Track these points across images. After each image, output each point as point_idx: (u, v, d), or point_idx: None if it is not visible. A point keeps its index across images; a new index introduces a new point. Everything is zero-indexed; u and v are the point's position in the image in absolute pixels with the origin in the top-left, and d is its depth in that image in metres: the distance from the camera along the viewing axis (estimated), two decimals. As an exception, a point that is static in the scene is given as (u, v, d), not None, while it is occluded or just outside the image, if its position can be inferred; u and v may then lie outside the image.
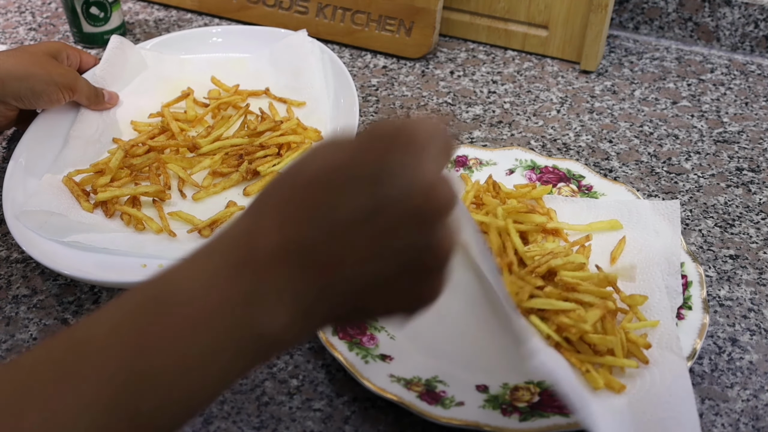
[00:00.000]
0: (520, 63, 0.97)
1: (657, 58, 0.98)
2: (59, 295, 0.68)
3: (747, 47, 0.98)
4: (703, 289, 0.63)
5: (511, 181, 0.74)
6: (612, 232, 0.68)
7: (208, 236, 0.69)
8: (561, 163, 0.76)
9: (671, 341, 0.57)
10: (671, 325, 0.59)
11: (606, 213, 0.70)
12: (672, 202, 0.69)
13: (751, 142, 0.85)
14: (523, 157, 0.77)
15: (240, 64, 0.90)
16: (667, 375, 0.55)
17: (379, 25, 0.97)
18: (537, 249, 0.64)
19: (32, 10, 1.08)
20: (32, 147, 0.77)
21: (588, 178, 0.74)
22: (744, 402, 0.59)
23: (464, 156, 0.77)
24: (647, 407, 0.52)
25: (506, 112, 0.89)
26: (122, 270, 0.67)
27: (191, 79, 0.87)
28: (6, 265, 0.71)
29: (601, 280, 0.59)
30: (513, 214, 0.66)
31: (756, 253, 0.72)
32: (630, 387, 0.55)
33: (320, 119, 0.82)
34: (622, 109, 0.89)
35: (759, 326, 0.65)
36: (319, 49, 0.87)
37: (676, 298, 0.62)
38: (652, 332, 0.58)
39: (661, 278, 0.63)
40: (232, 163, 0.76)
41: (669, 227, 0.67)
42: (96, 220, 0.71)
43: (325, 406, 0.58)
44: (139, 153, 0.77)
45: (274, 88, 0.86)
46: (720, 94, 0.92)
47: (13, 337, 0.65)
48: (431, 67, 0.96)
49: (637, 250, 0.66)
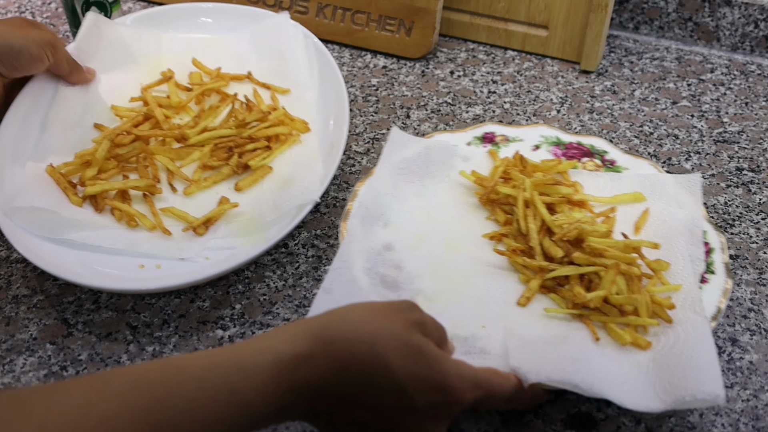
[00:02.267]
0: (520, 63, 0.97)
1: (657, 58, 0.98)
2: (59, 295, 0.68)
3: (747, 47, 0.98)
4: (725, 253, 0.65)
5: (537, 157, 0.76)
6: (636, 204, 0.70)
7: (202, 234, 0.69)
8: (585, 139, 0.78)
9: (694, 303, 0.60)
10: (695, 288, 0.61)
11: (629, 186, 0.72)
12: (693, 176, 0.71)
13: (751, 142, 0.85)
14: (549, 133, 0.79)
15: (219, 45, 0.87)
16: (691, 333, 0.57)
17: (379, 25, 0.97)
18: (564, 218, 0.66)
19: (32, 10, 1.08)
20: (10, 132, 0.74)
21: (611, 153, 0.76)
22: (744, 402, 0.59)
23: (491, 133, 0.79)
24: (671, 362, 0.55)
25: (506, 112, 0.89)
26: (120, 272, 0.66)
27: (169, 59, 0.84)
28: (6, 265, 0.71)
29: (627, 246, 0.63)
30: (540, 186, 0.69)
31: (756, 253, 0.72)
32: (655, 344, 0.58)
33: (306, 108, 0.81)
34: (622, 109, 0.90)
35: (759, 326, 0.65)
36: (302, 34, 0.85)
37: (699, 265, 0.64)
38: (676, 295, 0.61)
39: (685, 247, 0.65)
40: (221, 156, 0.75)
41: (691, 199, 0.69)
42: (87, 216, 0.70)
43: (325, 406, 0.58)
44: (125, 142, 0.75)
45: (256, 73, 0.84)
46: (720, 94, 0.92)
47: (13, 337, 0.65)
48: (431, 67, 0.96)
49: (661, 221, 0.68)
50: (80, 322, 0.66)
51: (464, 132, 0.79)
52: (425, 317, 0.53)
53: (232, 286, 0.69)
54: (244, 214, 0.71)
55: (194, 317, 0.66)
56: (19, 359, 0.63)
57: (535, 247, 0.65)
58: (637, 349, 0.58)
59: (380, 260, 0.65)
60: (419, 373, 0.49)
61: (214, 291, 0.68)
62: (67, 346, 0.64)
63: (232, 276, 0.69)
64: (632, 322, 0.59)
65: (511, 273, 0.65)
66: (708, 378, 0.53)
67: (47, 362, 0.63)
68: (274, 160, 0.76)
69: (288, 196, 0.71)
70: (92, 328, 0.65)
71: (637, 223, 0.69)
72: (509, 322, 0.61)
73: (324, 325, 0.50)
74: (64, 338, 0.65)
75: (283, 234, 0.67)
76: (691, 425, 0.58)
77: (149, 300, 0.68)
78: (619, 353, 0.58)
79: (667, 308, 0.60)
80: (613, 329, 0.59)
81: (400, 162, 0.73)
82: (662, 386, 0.54)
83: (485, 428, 0.57)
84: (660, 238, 0.65)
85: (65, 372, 0.62)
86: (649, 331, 0.59)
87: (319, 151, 0.76)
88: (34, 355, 0.63)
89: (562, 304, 0.62)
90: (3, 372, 0.62)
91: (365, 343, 0.48)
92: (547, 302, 0.63)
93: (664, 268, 0.63)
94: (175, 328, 0.65)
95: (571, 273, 0.62)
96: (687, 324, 0.58)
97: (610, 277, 0.60)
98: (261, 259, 0.71)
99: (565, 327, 0.60)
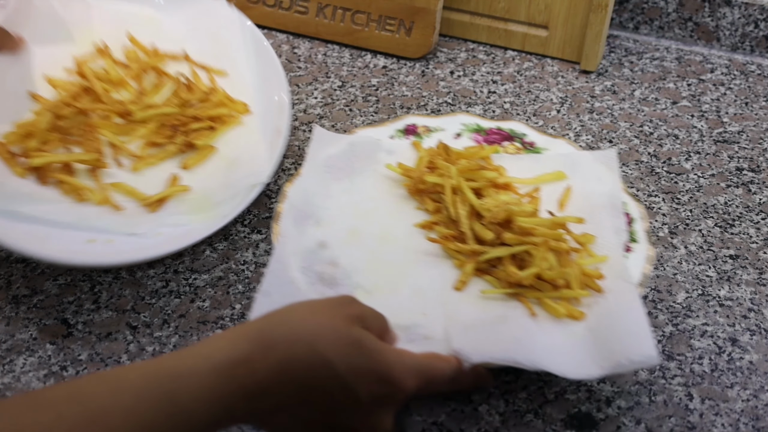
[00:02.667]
0: (520, 63, 0.97)
1: (657, 58, 0.98)
2: (59, 295, 0.68)
3: (747, 47, 0.98)
4: (645, 222, 0.68)
5: (460, 145, 0.77)
6: (558, 183, 0.73)
7: (155, 211, 0.70)
8: (504, 124, 0.80)
9: (621, 271, 0.63)
10: (620, 258, 0.64)
11: (550, 165, 0.74)
12: (609, 151, 0.74)
13: (751, 142, 0.85)
14: (469, 121, 0.81)
15: (154, 21, 0.85)
16: (621, 300, 0.60)
17: (379, 25, 0.97)
18: (492, 201, 0.68)
19: (32, 10, 1.08)
20: None
21: (530, 135, 0.79)
22: (744, 402, 0.59)
23: (413, 124, 0.80)
24: (605, 329, 0.58)
25: (506, 112, 0.89)
26: (67, 246, 0.65)
27: (100, 31, 0.82)
28: (6, 265, 0.71)
29: (554, 223, 0.65)
30: (465, 172, 0.70)
31: (756, 253, 0.72)
32: (589, 314, 0.60)
33: (244, 90, 0.80)
34: (622, 109, 0.90)
35: (759, 326, 0.65)
36: (238, 18, 0.84)
37: (622, 235, 0.66)
38: (604, 266, 0.64)
39: (608, 219, 0.68)
40: (166, 134, 0.76)
41: (609, 173, 0.72)
42: (33, 189, 0.68)
43: (325, 406, 0.58)
44: (66, 115, 0.74)
45: (192, 53, 0.83)
46: (720, 94, 0.92)
47: (13, 337, 0.65)
48: (431, 67, 0.96)
49: (583, 196, 0.71)
50: (80, 322, 0.66)
51: (386, 126, 0.80)
52: (365, 309, 0.54)
53: (232, 286, 0.69)
54: (194, 192, 0.72)
55: (194, 317, 0.66)
56: (19, 359, 0.63)
57: (467, 232, 0.66)
58: (572, 320, 0.60)
59: (316, 259, 0.66)
60: (361, 367, 0.49)
61: (214, 291, 0.68)
62: (67, 346, 0.64)
63: (232, 276, 0.69)
64: (565, 295, 0.61)
65: (446, 259, 0.67)
66: (641, 341, 0.56)
67: (47, 362, 0.63)
68: (217, 141, 0.76)
69: (236, 176, 0.72)
70: (92, 328, 0.65)
71: (560, 200, 0.71)
72: (448, 307, 0.62)
73: (261, 328, 0.50)
74: (64, 338, 0.65)
75: (236, 213, 0.69)
76: (691, 425, 0.58)
77: (149, 300, 0.68)
78: (556, 326, 0.60)
79: (596, 279, 0.62)
80: (548, 304, 0.61)
81: (326, 160, 0.74)
82: (599, 353, 0.56)
83: (485, 428, 0.57)
84: (583, 212, 0.68)
85: (65, 372, 0.62)
86: (582, 302, 0.62)
87: (263, 134, 0.77)
88: (34, 355, 0.63)
89: (498, 284, 0.64)
90: (3, 372, 0.62)
91: (305, 342, 0.48)
92: (483, 284, 0.64)
93: (590, 241, 0.65)
94: (175, 328, 0.65)
95: (503, 254, 0.64)
96: (616, 292, 0.61)
97: (541, 254, 0.62)
98: (261, 260, 0.71)
99: (502, 307, 0.62)
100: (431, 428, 0.57)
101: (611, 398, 0.59)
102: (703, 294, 0.68)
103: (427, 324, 0.60)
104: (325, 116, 0.88)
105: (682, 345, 0.64)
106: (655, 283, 0.69)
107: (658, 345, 0.63)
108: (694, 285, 0.69)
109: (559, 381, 0.60)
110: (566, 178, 0.73)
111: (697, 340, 0.64)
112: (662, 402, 0.59)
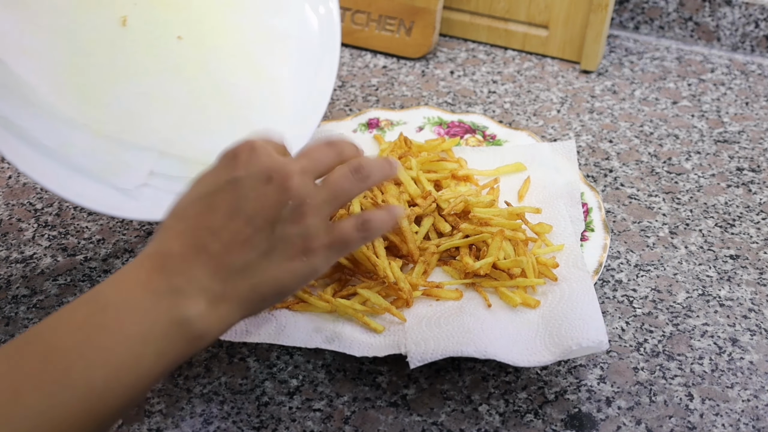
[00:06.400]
0: (520, 63, 0.97)
1: (657, 58, 0.98)
2: (59, 295, 0.68)
3: (747, 47, 0.98)
4: (601, 212, 0.70)
5: (422, 138, 0.80)
6: (517, 174, 0.74)
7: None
8: (466, 117, 0.82)
9: (576, 260, 0.64)
10: (576, 247, 0.66)
11: (511, 157, 0.76)
12: (568, 142, 0.76)
13: (752, 142, 0.85)
14: (431, 114, 0.83)
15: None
16: (575, 288, 0.62)
17: (379, 25, 0.97)
18: (450, 193, 0.69)
19: (32, 10, 1.08)
20: None
21: (491, 128, 0.81)
22: (744, 402, 0.59)
23: (376, 118, 0.82)
24: (559, 316, 0.59)
25: (506, 112, 0.89)
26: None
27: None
28: (6, 265, 0.71)
29: (511, 213, 0.67)
30: (426, 164, 0.72)
31: (756, 253, 0.72)
32: (543, 302, 0.62)
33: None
34: (622, 109, 0.89)
35: (759, 326, 0.65)
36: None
37: (578, 224, 0.68)
38: (560, 255, 0.65)
39: (565, 209, 0.69)
40: None
41: (568, 164, 0.74)
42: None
43: (325, 406, 0.58)
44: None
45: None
46: (720, 94, 0.92)
47: (13, 337, 0.65)
48: (431, 67, 0.96)
49: (542, 187, 0.72)
50: (80, 322, 0.66)
51: (349, 120, 0.81)
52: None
53: (232, 286, 0.69)
54: None
55: (194, 317, 0.66)
56: (18, 359, 0.63)
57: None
58: (527, 308, 0.61)
59: None
60: (237, 155, 0.50)
61: (214, 291, 0.68)
62: (66, 346, 0.64)
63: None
64: (521, 284, 0.63)
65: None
66: (592, 327, 0.57)
67: (47, 362, 0.63)
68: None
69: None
70: (92, 328, 0.65)
71: (520, 191, 0.73)
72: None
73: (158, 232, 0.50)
74: (63, 338, 0.65)
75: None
76: (691, 425, 0.58)
77: (149, 300, 0.67)
78: (511, 315, 0.61)
79: (552, 267, 0.64)
80: (503, 293, 0.62)
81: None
82: (551, 340, 0.58)
83: (485, 428, 0.57)
84: (541, 203, 0.70)
85: (65, 372, 0.62)
86: (537, 290, 0.63)
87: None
88: (34, 355, 0.63)
89: (456, 275, 0.65)
90: (3, 372, 0.62)
91: (193, 189, 0.51)
92: (442, 275, 0.65)
93: (547, 230, 0.67)
94: (175, 328, 0.65)
95: (460, 244, 0.65)
96: (571, 280, 0.63)
97: (497, 243, 0.63)
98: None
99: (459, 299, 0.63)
100: (431, 428, 0.57)
101: (611, 398, 0.59)
102: (703, 294, 0.68)
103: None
104: (325, 116, 0.88)
105: (683, 345, 0.64)
106: (656, 283, 0.69)
107: (659, 345, 0.63)
108: (695, 285, 0.69)
109: (559, 381, 0.60)
110: (525, 170, 0.74)
111: (698, 340, 0.64)
112: (662, 402, 0.59)
